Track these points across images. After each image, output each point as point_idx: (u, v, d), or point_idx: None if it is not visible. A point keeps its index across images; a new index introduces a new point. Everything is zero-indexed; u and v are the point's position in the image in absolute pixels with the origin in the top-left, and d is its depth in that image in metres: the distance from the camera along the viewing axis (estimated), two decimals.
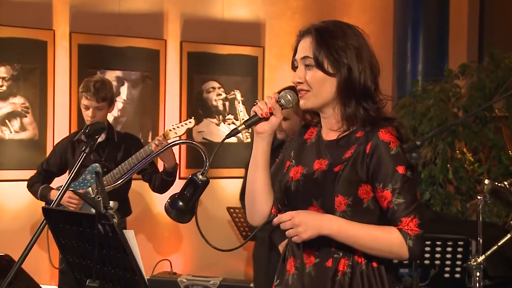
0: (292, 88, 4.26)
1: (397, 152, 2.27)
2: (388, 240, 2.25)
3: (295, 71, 2.38)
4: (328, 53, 2.29)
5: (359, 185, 2.28)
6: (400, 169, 2.26)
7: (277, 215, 2.40)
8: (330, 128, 2.38)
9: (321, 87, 2.31)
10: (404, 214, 2.24)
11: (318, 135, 2.43)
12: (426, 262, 4.33)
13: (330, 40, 2.30)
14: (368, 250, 2.28)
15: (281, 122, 2.41)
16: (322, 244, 2.30)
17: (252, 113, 2.35)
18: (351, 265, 2.29)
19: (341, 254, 2.30)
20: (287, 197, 2.41)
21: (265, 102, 2.34)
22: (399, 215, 2.25)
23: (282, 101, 2.34)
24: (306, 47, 2.33)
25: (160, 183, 4.51)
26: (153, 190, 4.63)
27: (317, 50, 2.30)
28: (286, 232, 2.30)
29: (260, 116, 2.33)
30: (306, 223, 2.25)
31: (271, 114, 2.34)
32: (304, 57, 2.33)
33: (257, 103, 2.35)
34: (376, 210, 2.30)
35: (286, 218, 2.28)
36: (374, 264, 2.31)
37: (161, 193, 4.62)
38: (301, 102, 2.35)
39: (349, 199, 2.28)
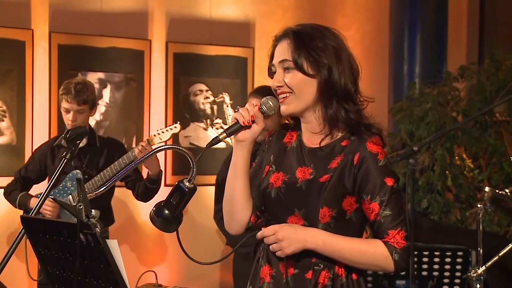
0: (267, 89, 4.24)
1: (385, 164, 2.33)
2: (373, 253, 2.32)
3: (271, 77, 2.42)
4: (307, 54, 2.33)
5: (344, 197, 2.34)
6: (388, 181, 2.33)
7: (256, 223, 2.46)
8: (312, 131, 2.42)
9: (302, 89, 2.35)
10: (391, 227, 2.32)
11: (299, 140, 2.47)
12: (424, 273, 4.35)
13: (309, 41, 2.35)
14: (353, 263, 2.35)
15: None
16: (302, 254, 2.34)
17: (233, 120, 2.39)
18: (332, 278, 2.35)
19: (322, 266, 2.35)
20: (266, 203, 2.45)
21: (247, 109, 2.37)
22: (386, 228, 2.32)
23: (264, 108, 2.37)
24: (283, 50, 2.37)
25: (144, 191, 4.51)
26: (137, 198, 4.63)
27: (296, 52, 2.34)
28: (270, 247, 2.35)
29: (242, 124, 2.37)
30: (289, 237, 2.31)
31: (253, 122, 2.37)
32: (283, 61, 2.37)
33: (238, 110, 2.38)
34: (358, 222, 2.37)
35: (269, 233, 2.34)
36: (354, 276, 2.38)
37: (145, 201, 4.62)
38: (283, 107, 2.39)
39: (333, 211, 2.32)
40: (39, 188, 4.63)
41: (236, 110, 2.39)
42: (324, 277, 2.34)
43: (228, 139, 6.20)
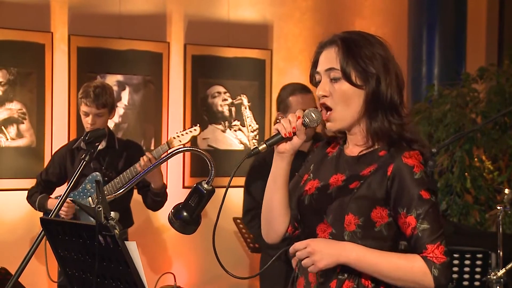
0: (301, 87, 4.23)
1: (421, 177, 2.25)
2: (410, 269, 2.22)
3: (314, 85, 2.37)
4: (356, 63, 2.28)
5: (374, 207, 2.27)
6: (425, 194, 2.24)
7: (293, 234, 2.43)
8: (356, 143, 2.38)
9: (349, 101, 2.30)
10: (429, 241, 2.22)
11: (340, 149, 2.43)
12: None
13: (357, 50, 2.29)
14: (389, 279, 2.25)
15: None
16: None
17: (274, 131, 2.33)
18: None
19: (346, 276, 2.29)
20: (300, 211, 2.42)
21: (289, 121, 2.30)
22: (424, 242, 2.22)
23: (306, 120, 2.30)
24: (331, 58, 2.31)
25: (151, 203, 4.52)
26: (147, 207, 4.63)
27: (344, 60, 2.28)
28: (302, 262, 2.29)
29: (283, 136, 2.30)
30: (321, 251, 2.24)
31: (294, 134, 2.30)
32: (329, 69, 2.31)
33: (280, 121, 2.32)
34: (389, 237, 2.29)
35: (301, 247, 2.28)
36: None
37: (154, 211, 4.63)
38: (328, 125, 2.34)
39: (360, 220, 2.27)
40: (61, 191, 4.65)
41: (278, 120, 2.36)
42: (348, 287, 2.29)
43: (247, 142, 6.20)
